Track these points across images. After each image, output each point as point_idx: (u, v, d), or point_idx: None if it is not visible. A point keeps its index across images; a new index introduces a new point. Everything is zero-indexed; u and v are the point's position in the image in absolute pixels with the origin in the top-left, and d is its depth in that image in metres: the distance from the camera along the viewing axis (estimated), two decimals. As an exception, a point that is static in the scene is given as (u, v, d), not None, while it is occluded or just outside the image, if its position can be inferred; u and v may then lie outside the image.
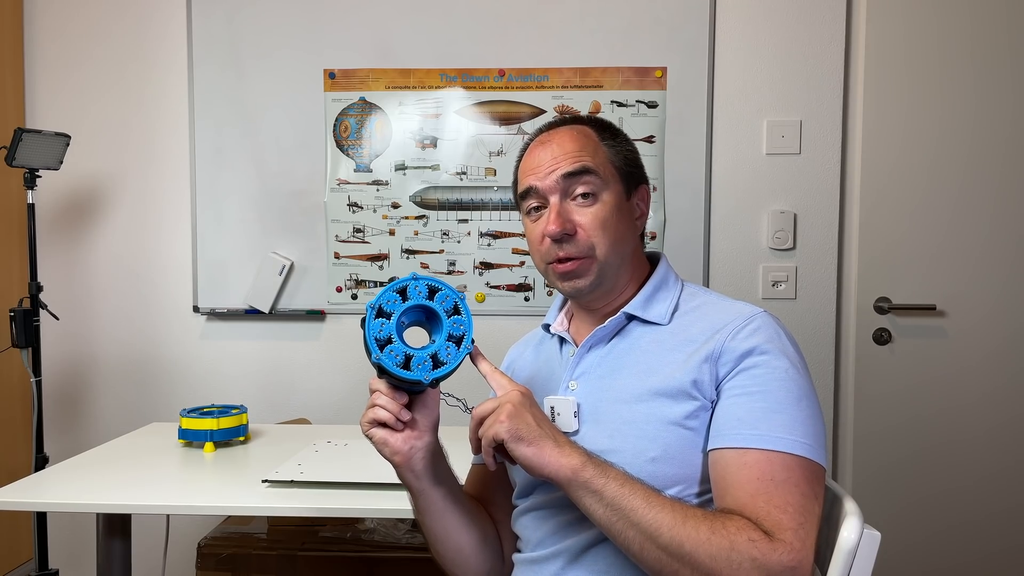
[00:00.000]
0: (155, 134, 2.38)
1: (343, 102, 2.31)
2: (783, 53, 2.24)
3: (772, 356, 0.90)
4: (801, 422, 0.86)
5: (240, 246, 2.35)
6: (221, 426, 1.65)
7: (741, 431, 0.86)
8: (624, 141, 1.06)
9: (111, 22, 2.37)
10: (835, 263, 2.26)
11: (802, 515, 0.81)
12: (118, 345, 2.42)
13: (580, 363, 1.02)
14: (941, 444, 2.23)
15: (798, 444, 0.85)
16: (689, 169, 2.26)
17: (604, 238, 0.98)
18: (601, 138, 1.04)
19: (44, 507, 1.43)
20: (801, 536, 0.80)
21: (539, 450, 0.84)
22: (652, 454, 0.90)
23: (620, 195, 1.02)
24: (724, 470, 0.86)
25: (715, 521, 0.81)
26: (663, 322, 0.99)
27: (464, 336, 0.91)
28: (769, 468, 0.83)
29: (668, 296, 1.02)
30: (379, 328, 0.90)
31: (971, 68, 2.18)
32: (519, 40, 2.27)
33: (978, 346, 2.21)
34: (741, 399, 0.88)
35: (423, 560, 1.72)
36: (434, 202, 2.31)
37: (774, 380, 0.88)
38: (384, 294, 0.92)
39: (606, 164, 1.01)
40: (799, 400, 0.88)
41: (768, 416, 0.86)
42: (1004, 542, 2.22)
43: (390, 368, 0.89)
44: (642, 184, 1.07)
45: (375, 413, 0.93)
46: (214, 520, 2.03)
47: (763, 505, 0.82)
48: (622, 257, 1.01)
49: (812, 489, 0.84)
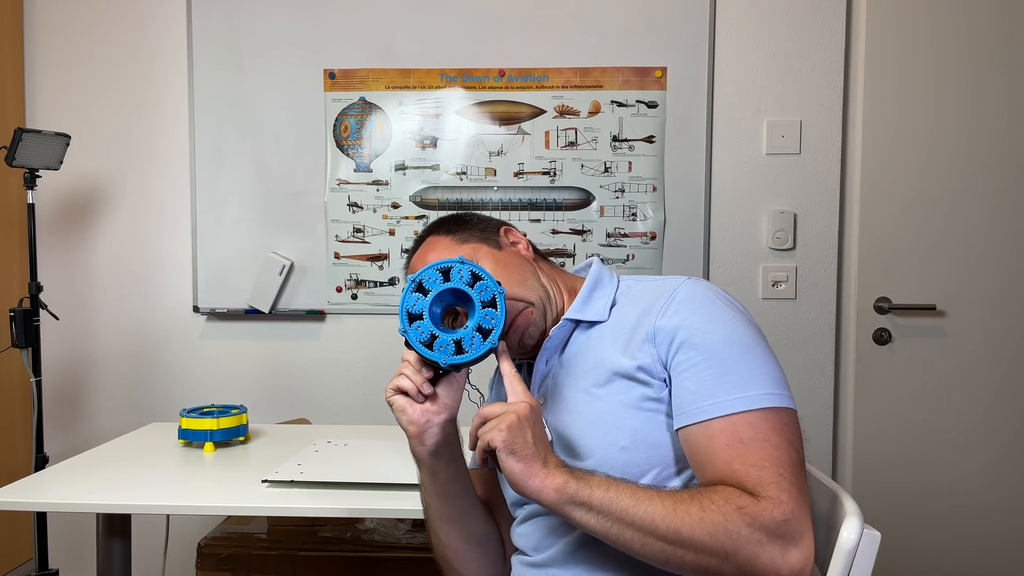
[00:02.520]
0: (155, 134, 2.38)
1: (343, 102, 2.31)
2: (783, 53, 2.24)
3: (703, 321, 0.91)
4: (753, 375, 0.87)
5: (240, 246, 2.35)
6: (221, 426, 1.65)
7: (699, 404, 0.87)
8: (464, 221, 1.12)
9: (111, 22, 2.37)
10: (835, 263, 2.26)
11: (779, 466, 0.82)
12: (118, 345, 2.42)
13: (537, 376, 1.04)
14: (941, 444, 2.23)
15: (756, 398, 0.86)
16: (689, 169, 2.26)
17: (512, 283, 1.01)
18: (447, 233, 1.09)
19: (44, 507, 1.42)
20: (784, 487, 0.81)
21: (527, 468, 0.84)
22: (622, 443, 0.91)
23: (493, 245, 1.08)
24: (695, 447, 0.87)
25: (703, 499, 0.81)
26: (603, 318, 1.01)
27: (493, 330, 0.91)
28: (734, 432, 0.84)
29: (604, 294, 1.04)
30: (414, 302, 0.92)
31: (971, 68, 2.19)
32: (519, 40, 2.27)
33: (978, 346, 2.22)
34: (689, 373, 0.89)
35: (423, 560, 1.72)
36: (434, 202, 2.31)
37: (713, 344, 0.89)
38: (427, 271, 0.93)
39: (451, 246, 1.07)
40: (745, 353, 0.89)
41: (719, 381, 0.87)
42: (1004, 542, 2.22)
43: (413, 343, 0.91)
44: (500, 227, 1.12)
45: (399, 381, 0.94)
46: (214, 520, 2.03)
47: (740, 468, 0.83)
48: (538, 287, 1.05)
49: (782, 437, 0.85)
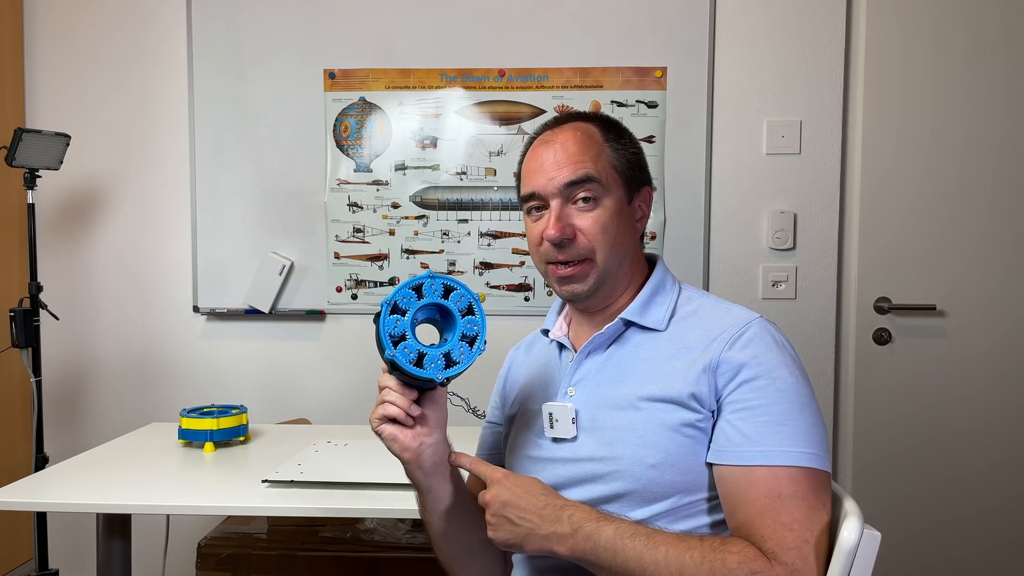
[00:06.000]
0: (155, 134, 2.38)
1: (343, 102, 2.31)
2: (783, 53, 2.24)
3: (771, 367, 0.90)
4: (804, 432, 0.87)
5: (240, 246, 2.35)
6: (221, 426, 1.65)
7: (747, 448, 0.87)
8: (629, 142, 1.04)
9: (111, 22, 2.37)
10: (835, 263, 2.26)
11: (807, 529, 0.82)
12: (118, 345, 2.42)
13: (578, 369, 1.02)
14: (941, 444, 2.23)
15: (803, 455, 0.85)
16: (689, 169, 2.26)
17: (604, 243, 0.98)
18: (606, 139, 1.01)
19: (44, 507, 1.43)
20: (805, 552, 0.81)
21: (527, 546, 0.89)
22: (652, 460, 0.90)
23: (621, 200, 1.00)
24: (733, 487, 0.87)
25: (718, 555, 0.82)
26: (660, 328, 0.99)
27: (477, 336, 0.92)
28: (776, 484, 0.84)
29: (665, 300, 1.01)
30: (394, 324, 0.90)
31: (970, 68, 2.18)
32: (519, 40, 2.27)
33: (978, 346, 2.21)
34: (744, 414, 0.88)
35: (423, 560, 1.72)
36: (434, 202, 2.31)
37: (775, 391, 0.88)
38: (400, 291, 0.92)
39: (608, 169, 0.99)
40: (801, 410, 0.88)
41: (773, 431, 0.86)
42: (1004, 541, 2.22)
43: (403, 365, 0.89)
44: (644, 186, 1.05)
45: (385, 409, 0.92)
46: (214, 520, 2.03)
47: (770, 523, 0.83)
48: (621, 261, 1.01)
49: (819, 499, 0.85)
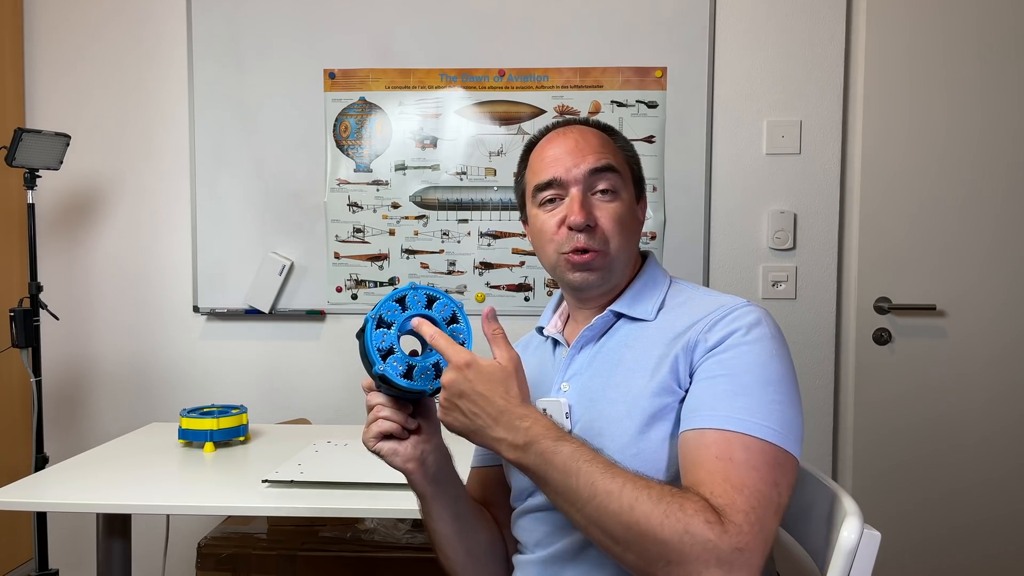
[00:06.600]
0: (155, 134, 2.38)
1: (343, 102, 2.31)
2: (783, 53, 2.24)
3: (745, 342, 0.89)
4: (766, 406, 0.84)
5: (240, 246, 2.35)
6: (221, 426, 1.65)
7: (702, 412, 0.86)
8: (632, 150, 1.09)
9: (111, 22, 2.37)
10: (835, 263, 2.26)
11: (756, 499, 0.78)
12: (118, 345, 2.42)
13: (572, 364, 1.02)
14: (941, 444, 2.23)
15: (760, 427, 0.83)
16: (689, 169, 2.26)
17: (619, 235, 1.00)
18: (615, 141, 1.06)
19: (44, 507, 1.42)
20: (752, 520, 0.77)
21: (474, 439, 0.88)
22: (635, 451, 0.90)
23: (632, 198, 1.04)
24: (686, 450, 0.86)
25: (672, 499, 0.77)
26: (649, 318, 0.99)
27: (464, 344, 0.91)
28: (727, 448, 0.82)
29: (655, 293, 1.02)
30: (381, 338, 0.90)
31: (971, 67, 2.18)
32: (519, 40, 2.27)
33: (978, 346, 2.21)
34: (706, 383, 0.88)
35: (423, 560, 1.72)
36: (434, 202, 2.31)
37: (742, 364, 0.88)
38: (383, 304, 0.91)
39: (624, 165, 1.04)
40: (766, 385, 0.86)
41: (730, 398, 0.85)
42: (1004, 541, 2.22)
43: (394, 379, 0.89)
44: (643, 195, 1.10)
45: (380, 426, 0.92)
46: (214, 520, 2.03)
47: (720, 482, 0.79)
48: (629, 256, 1.03)
49: (772, 475, 0.81)
